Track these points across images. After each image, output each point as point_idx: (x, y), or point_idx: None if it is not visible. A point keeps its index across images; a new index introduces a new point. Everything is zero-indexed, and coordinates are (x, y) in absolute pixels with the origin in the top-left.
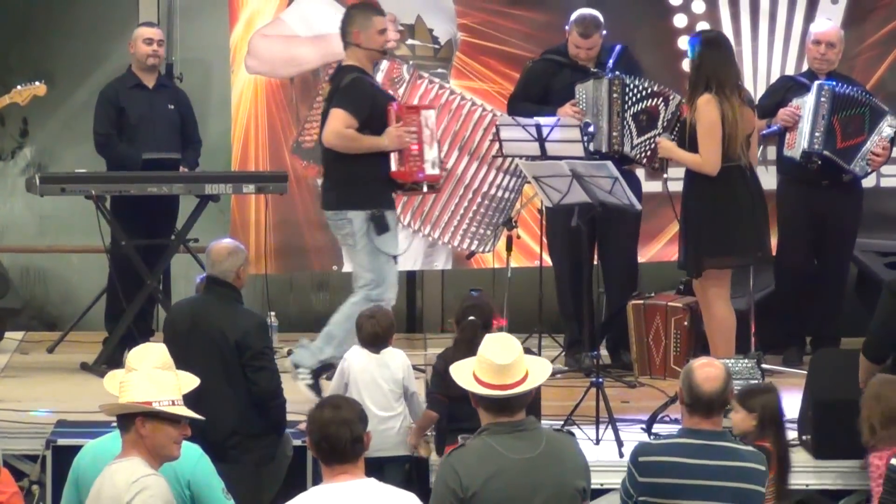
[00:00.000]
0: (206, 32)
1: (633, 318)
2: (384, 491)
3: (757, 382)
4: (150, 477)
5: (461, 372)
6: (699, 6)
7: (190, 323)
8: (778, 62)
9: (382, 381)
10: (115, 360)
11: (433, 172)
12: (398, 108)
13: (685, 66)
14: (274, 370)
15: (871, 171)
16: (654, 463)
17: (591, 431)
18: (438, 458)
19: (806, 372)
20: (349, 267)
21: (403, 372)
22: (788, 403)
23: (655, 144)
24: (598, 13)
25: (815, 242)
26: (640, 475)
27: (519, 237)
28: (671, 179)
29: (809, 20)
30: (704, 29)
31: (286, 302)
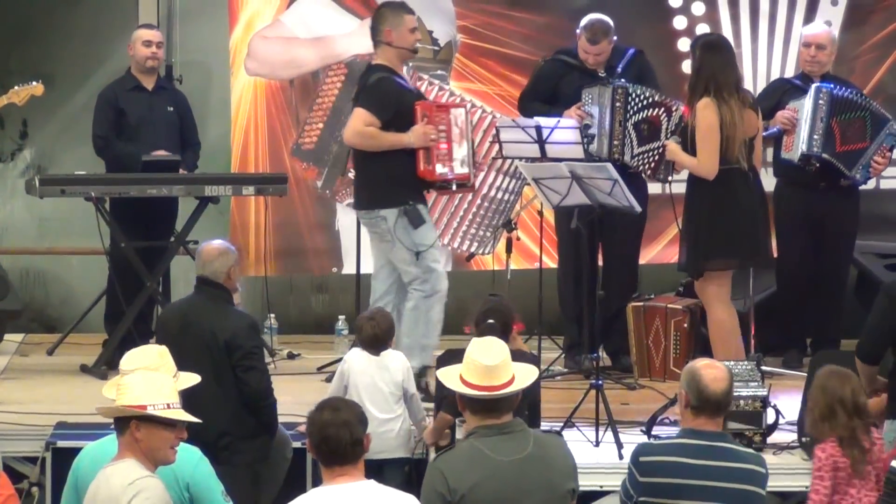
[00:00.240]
0: (205, 34)
1: (632, 320)
2: (384, 493)
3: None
4: (146, 479)
5: (448, 374)
6: (699, 8)
7: (181, 324)
8: (777, 64)
9: (382, 383)
10: (114, 362)
11: (462, 171)
12: (425, 106)
13: (685, 67)
14: (264, 370)
15: (871, 177)
16: (654, 463)
17: (590, 433)
18: None
19: (806, 374)
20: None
21: (403, 374)
22: (789, 405)
23: (658, 155)
24: (608, 19)
25: (813, 245)
26: (640, 475)
27: (518, 239)
28: (672, 181)
29: (809, 22)
30: (705, 32)
31: (286, 304)
